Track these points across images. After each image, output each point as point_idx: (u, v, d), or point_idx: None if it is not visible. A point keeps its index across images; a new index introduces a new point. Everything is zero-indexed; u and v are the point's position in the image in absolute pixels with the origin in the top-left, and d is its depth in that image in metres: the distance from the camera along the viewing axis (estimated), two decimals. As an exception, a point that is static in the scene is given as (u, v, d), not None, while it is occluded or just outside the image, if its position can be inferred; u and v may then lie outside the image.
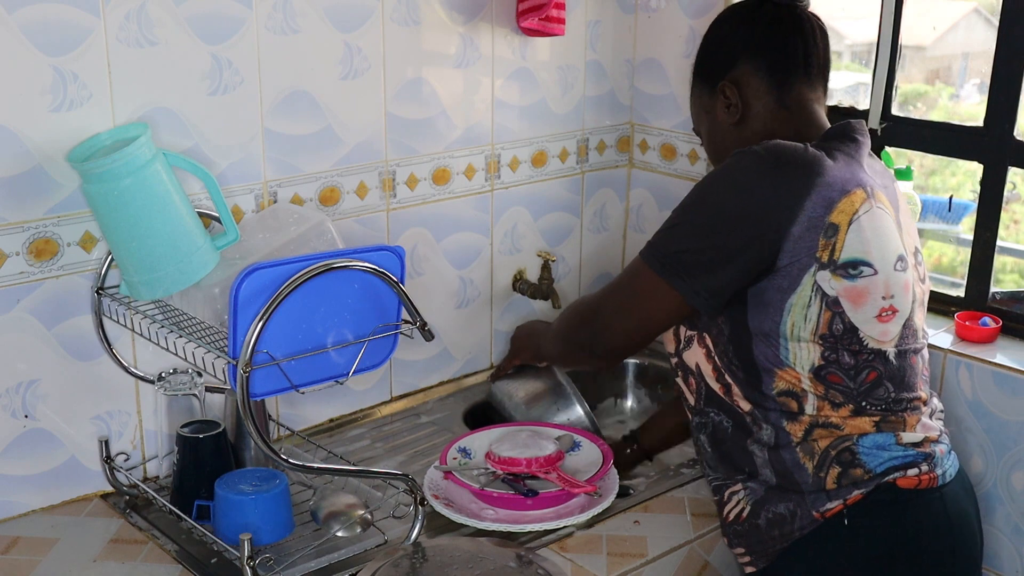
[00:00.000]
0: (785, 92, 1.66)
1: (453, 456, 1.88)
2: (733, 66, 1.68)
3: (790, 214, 1.51)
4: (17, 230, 1.73)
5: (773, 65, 1.66)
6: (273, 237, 1.80)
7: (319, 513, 1.74)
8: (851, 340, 1.56)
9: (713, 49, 1.72)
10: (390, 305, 1.64)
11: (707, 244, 1.54)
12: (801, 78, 1.67)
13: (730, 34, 1.70)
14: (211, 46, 1.85)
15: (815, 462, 1.57)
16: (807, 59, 1.67)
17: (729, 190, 1.55)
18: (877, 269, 1.55)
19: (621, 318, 1.64)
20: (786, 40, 1.66)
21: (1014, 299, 2.15)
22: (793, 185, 1.52)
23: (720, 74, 1.69)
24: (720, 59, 1.70)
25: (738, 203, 1.53)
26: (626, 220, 2.63)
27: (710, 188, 1.57)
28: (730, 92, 1.68)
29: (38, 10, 1.66)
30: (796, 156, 1.54)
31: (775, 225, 1.51)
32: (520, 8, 2.22)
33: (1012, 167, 2.08)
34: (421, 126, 2.18)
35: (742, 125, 1.68)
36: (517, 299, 2.46)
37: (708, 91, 1.71)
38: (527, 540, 1.76)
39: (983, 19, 2.29)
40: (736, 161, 1.56)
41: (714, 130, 1.73)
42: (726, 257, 1.53)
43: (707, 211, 1.56)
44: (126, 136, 1.71)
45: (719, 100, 1.69)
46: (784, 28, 1.67)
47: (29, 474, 1.82)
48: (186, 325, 1.68)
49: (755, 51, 1.67)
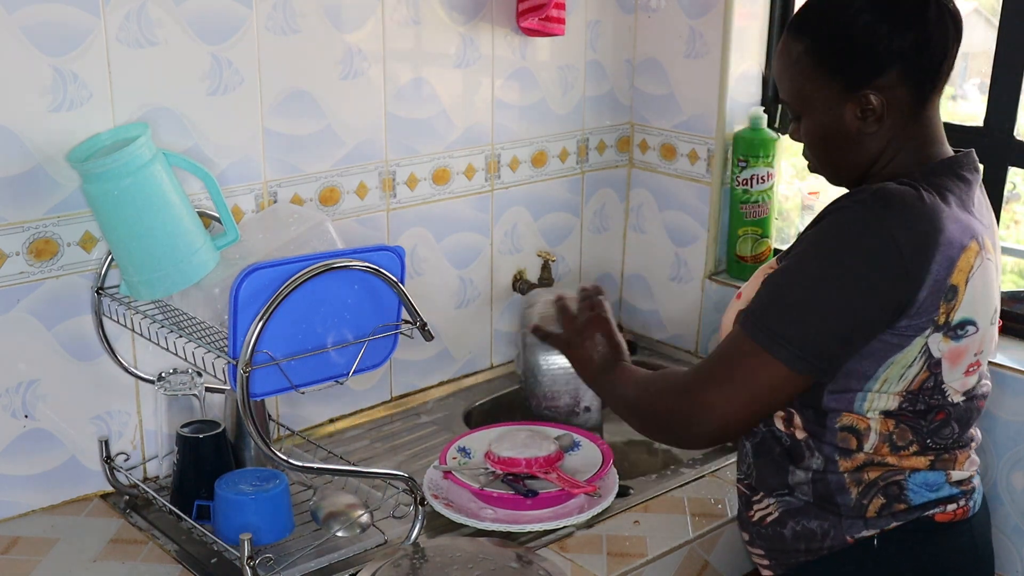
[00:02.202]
0: (924, 105, 1.49)
1: (453, 456, 1.88)
2: (882, 73, 1.45)
3: (918, 281, 1.39)
4: (17, 230, 1.73)
5: (924, 77, 1.46)
6: (273, 237, 1.80)
7: (319, 513, 1.74)
8: (934, 394, 1.48)
9: (863, 45, 1.45)
10: (390, 305, 1.64)
11: (829, 324, 1.41)
12: (940, 88, 1.50)
13: (891, 34, 1.44)
14: (211, 46, 1.85)
15: (860, 489, 1.51)
16: (951, 67, 1.48)
17: (851, 261, 1.39)
18: (979, 327, 1.48)
19: (728, 394, 1.46)
20: (947, 50, 1.46)
21: (1014, 299, 2.15)
22: (919, 247, 1.38)
23: (865, 79, 1.45)
24: (870, 62, 1.45)
25: (863, 276, 1.39)
26: (626, 220, 2.63)
27: (829, 259, 1.41)
28: (876, 102, 1.46)
29: (38, 10, 1.66)
30: (916, 210, 1.39)
31: (901, 294, 1.40)
32: (520, 8, 2.22)
33: (1012, 167, 2.08)
34: (421, 126, 2.18)
35: (874, 135, 1.49)
36: (517, 299, 2.46)
37: (840, 89, 1.47)
38: (527, 540, 1.76)
39: (983, 19, 2.29)
40: (852, 220, 1.40)
41: (833, 130, 1.50)
42: (850, 338, 1.41)
43: (826, 287, 1.40)
44: (126, 136, 1.71)
45: (853, 104, 1.47)
46: (947, 34, 1.45)
47: (29, 474, 1.82)
48: (186, 325, 1.68)
49: (914, 60, 1.44)
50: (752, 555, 1.67)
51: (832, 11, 1.48)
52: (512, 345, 2.47)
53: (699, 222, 2.46)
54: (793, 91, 1.52)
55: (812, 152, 1.56)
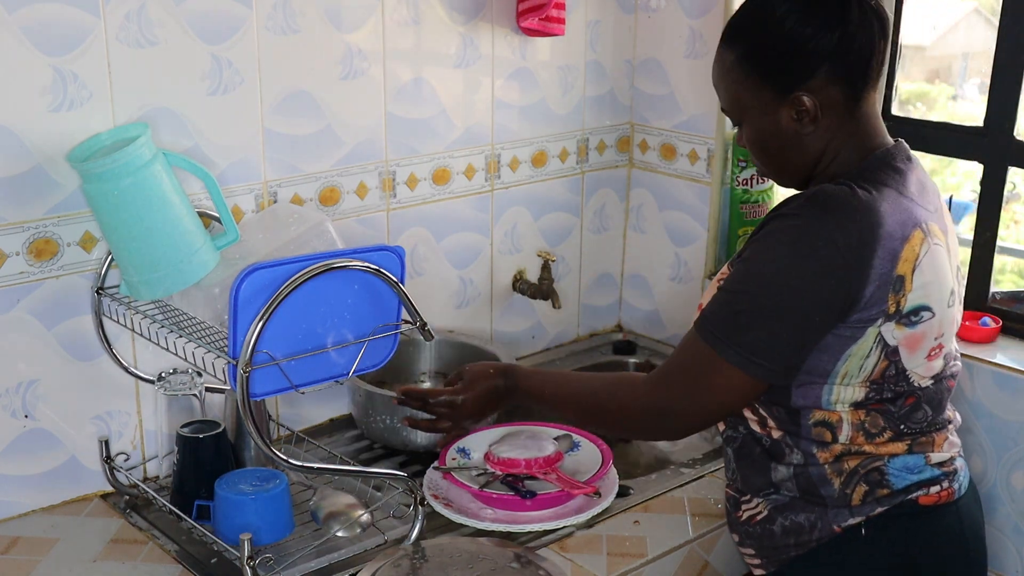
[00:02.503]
0: (858, 102, 1.52)
1: (452, 456, 1.88)
2: (812, 74, 1.48)
3: (862, 278, 1.43)
4: (17, 230, 1.73)
5: (855, 75, 1.50)
6: (273, 237, 1.80)
7: (319, 513, 1.74)
8: (898, 380, 1.52)
9: (789, 49, 1.49)
10: (390, 305, 1.64)
11: (780, 328, 1.45)
12: (873, 83, 1.53)
13: (815, 36, 1.47)
14: (211, 46, 1.85)
15: (842, 479, 1.54)
16: (881, 63, 1.52)
17: (796, 265, 1.44)
18: (935, 311, 1.50)
19: (687, 399, 1.54)
20: (874, 47, 1.49)
21: (1014, 299, 2.15)
22: (859, 244, 1.42)
23: (797, 81, 1.49)
24: (799, 65, 1.49)
25: (808, 279, 1.43)
26: (626, 220, 2.63)
27: (773, 265, 1.46)
28: (808, 104, 1.49)
29: (38, 10, 1.66)
30: (852, 210, 1.43)
31: (847, 292, 1.43)
32: (520, 8, 2.22)
33: (1012, 167, 2.08)
34: (421, 126, 2.18)
35: (810, 136, 1.52)
36: (517, 299, 2.46)
37: (773, 94, 1.51)
38: (527, 540, 1.76)
39: (983, 19, 2.29)
40: (792, 225, 1.45)
41: (771, 134, 1.55)
42: (802, 339, 1.46)
43: (774, 292, 1.45)
44: (126, 136, 1.71)
45: (788, 107, 1.51)
46: (872, 31, 1.49)
47: (29, 474, 1.82)
48: (186, 325, 1.68)
49: (841, 59, 1.48)
50: (743, 556, 1.68)
51: (758, 19, 1.52)
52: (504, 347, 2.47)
53: (699, 222, 2.46)
54: (730, 99, 1.57)
55: (756, 157, 1.60)
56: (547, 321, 2.55)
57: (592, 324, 2.65)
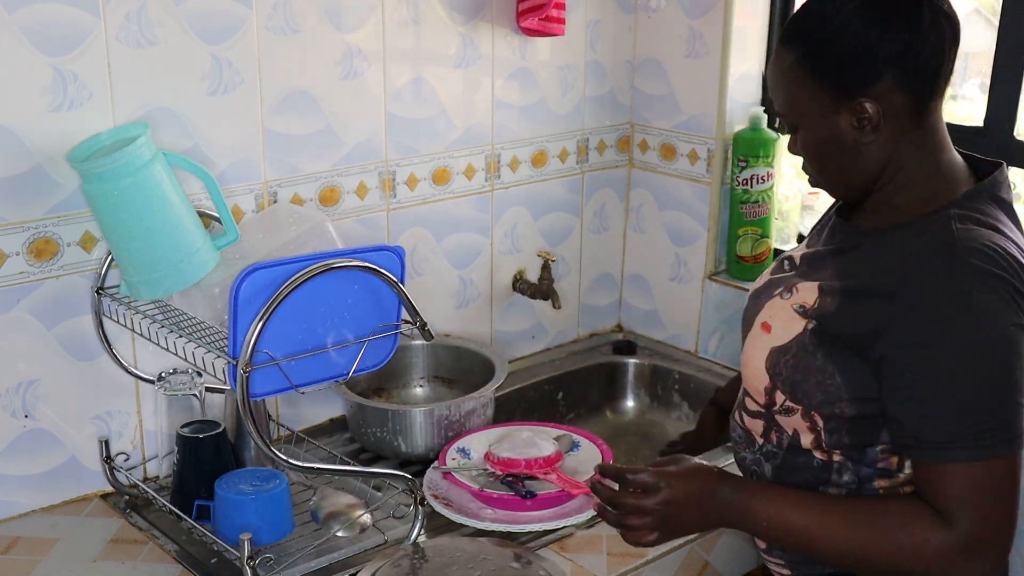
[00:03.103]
0: (924, 111, 1.41)
1: (452, 456, 1.88)
2: (877, 80, 1.38)
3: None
4: (17, 230, 1.73)
5: (922, 82, 1.39)
6: (273, 237, 1.80)
7: (319, 513, 1.74)
8: None
9: (854, 51, 1.38)
10: (390, 305, 1.64)
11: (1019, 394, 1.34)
12: (941, 92, 1.42)
13: (882, 39, 1.37)
14: (211, 46, 1.85)
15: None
16: (950, 71, 1.41)
17: (996, 328, 1.33)
18: None
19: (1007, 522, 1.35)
20: (944, 53, 1.39)
21: (1014, 299, 2.15)
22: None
23: (859, 87, 1.39)
24: (863, 68, 1.39)
25: (1013, 335, 1.33)
26: (626, 220, 2.63)
27: (982, 336, 1.33)
28: (871, 110, 1.39)
29: (38, 10, 1.66)
30: (1018, 276, 1.34)
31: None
32: (520, 8, 2.22)
33: (1012, 167, 2.08)
34: (421, 126, 2.18)
35: (872, 145, 1.42)
36: (517, 299, 2.46)
37: (834, 98, 1.41)
38: (527, 540, 1.76)
39: (983, 19, 2.29)
40: (973, 293, 1.32)
41: (829, 140, 1.44)
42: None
43: (1000, 364, 1.33)
44: (126, 136, 1.71)
45: (848, 113, 1.41)
46: (943, 37, 1.38)
47: (29, 474, 1.82)
48: (186, 325, 1.68)
49: (909, 65, 1.38)
50: (768, 562, 1.62)
51: (822, 18, 1.42)
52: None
53: (699, 222, 2.46)
54: (787, 102, 1.47)
55: (811, 165, 1.50)
56: (547, 321, 2.55)
57: (592, 324, 2.65)
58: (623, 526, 1.48)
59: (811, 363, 1.44)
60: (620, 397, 2.55)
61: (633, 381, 2.54)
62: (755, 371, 1.52)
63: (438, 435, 2.00)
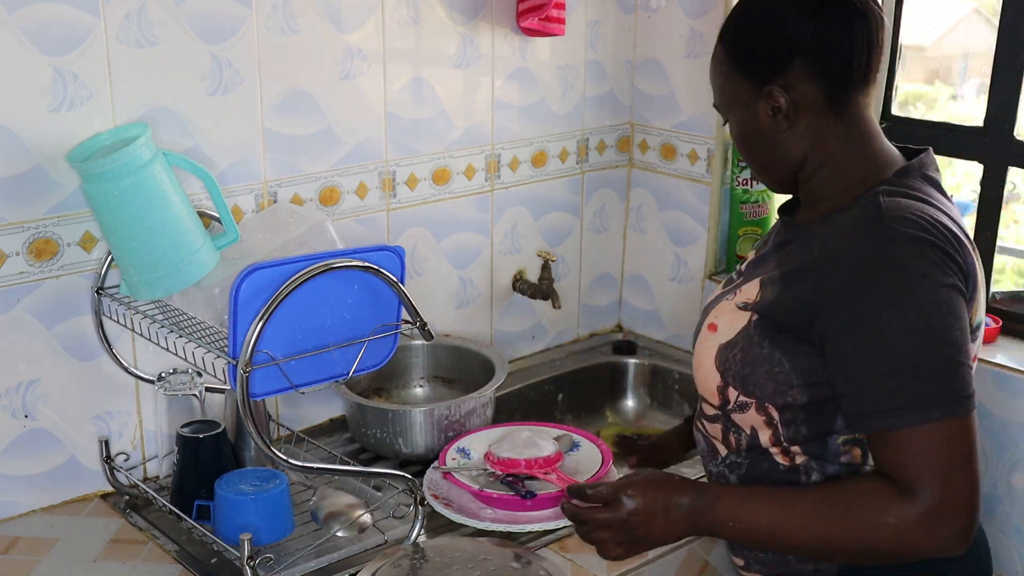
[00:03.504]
0: (842, 102, 1.44)
1: (452, 456, 1.88)
2: (787, 67, 1.42)
3: (971, 295, 1.38)
4: (17, 230, 1.73)
5: (833, 71, 1.42)
6: (273, 237, 1.80)
7: (319, 513, 1.74)
8: None
9: (763, 41, 1.44)
10: (390, 305, 1.64)
11: (963, 356, 1.34)
12: (859, 85, 1.44)
13: (786, 26, 1.42)
14: (211, 46, 1.85)
15: None
16: (869, 62, 1.43)
17: (935, 293, 1.33)
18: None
19: (968, 484, 1.33)
20: (853, 41, 1.41)
21: (1014, 299, 2.16)
22: (960, 274, 1.36)
23: (769, 74, 1.43)
24: (771, 55, 1.43)
25: (949, 298, 1.34)
26: (626, 220, 2.63)
27: (925, 302, 1.33)
28: (780, 98, 1.43)
29: (38, 10, 1.66)
30: (947, 241, 1.35)
31: (967, 302, 1.37)
32: (520, 8, 2.23)
33: (1012, 167, 2.08)
34: (421, 126, 2.18)
35: (789, 134, 1.46)
36: (517, 299, 2.46)
37: (750, 86, 1.46)
38: (527, 540, 1.76)
39: (983, 19, 2.29)
40: (902, 259, 1.33)
41: (752, 132, 1.49)
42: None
43: (941, 327, 1.33)
44: (126, 136, 1.71)
45: (764, 102, 1.45)
46: (852, 26, 1.41)
47: (29, 474, 1.82)
48: (186, 325, 1.68)
49: (815, 53, 1.41)
50: (735, 566, 1.62)
51: (742, 10, 1.49)
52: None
53: (699, 222, 2.46)
54: (718, 94, 1.53)
55: (743, 156, 1.55)
56: (547, 321, 2.55)
57: (592, 324, 2.65)
58: (590, 541, 1.48)
59: (758, 353, 1.45)
60: (620, 397, 2.55)
61: (633, 381, 2.54)
62: (706, 371, 1.53)
63: (438, 435, 2.00)
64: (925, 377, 1.32)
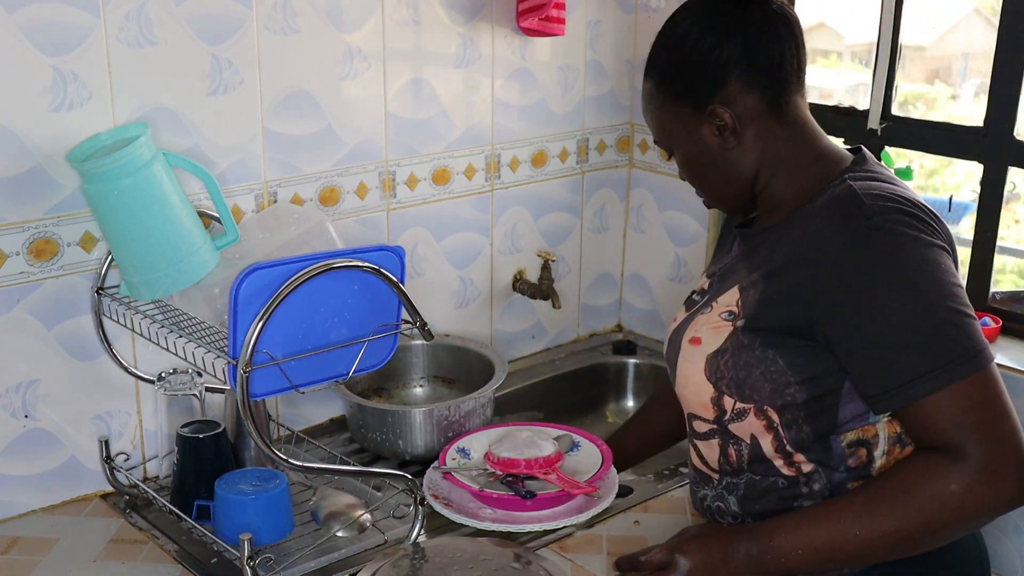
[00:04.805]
0: (784, 109, 1.47)
1: (452, 457, 1.88)
2: (724, 84, 1.44)
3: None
4: (17, 230, 1.73)
5: (769, 78, 1.45)
6: (273, 237, 1.80)
7: (319, 513, 1.74)
8: None
9: (695, 62, 1.46)
10: (390, 305, 1.64)
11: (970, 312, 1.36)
12: (795, 86, 1.47)
13: (715, 47, 1.44)
14: (211, 46, 1.85)
15: None
16: (799, 62, 1.47)
17: (931, 258, 1.36)
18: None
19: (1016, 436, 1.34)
20: (783, 48, 1.45)
21: (1014, 299, 2.16)
22: (943, 239, 1.40)
23: (708, 94, 1.45)
24: (707, 76, 1.45)
25: (946, 264, 1.37)
26: (626, 220, 2.63)
27: (928, 271, 1.35)
28: (724, 115, 1.45)
29: (38, 10, 1.66)
30: (926, 211, 1.39)
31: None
32: (520, 8, 2.23)
33: (1012, 167, 2.08)
34: (421, 126, 2.18)
35: (738, 150, 1.47)
36: (517, 299, 2.47)
37: (690, 111, 1.47)
38: (527, 540, 1.76)
39: (983, 19, 2.29)
40: (887, 228, 1.35)
41: (698, 154, 1.50)
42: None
43: (945, 289, 1.35)
44: (126, 136, 1.71)
45: (707, 123, 1.46)
46: (778, 33, 1.45)
47: (29, 474, 1.82)
48: (186, 325, 1.68)
49: (749, 64, 1.44)
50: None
51: (664, 41, 1.52)
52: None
53: (699, 222, 2.46)
54: (656, 129, 1.54)
55: (694, 184, 1.55)
56: (547, 321, 2.55)
57: (592, 324, 2.65)
58: None
59: (751, 356, 1.44)
60: (620, 397, 2.55)
61: (633, 381, 2.54)
62: (696, 386, 1.51)
63: (438, 435, 2.00)
64: (940, 338, 1.33)
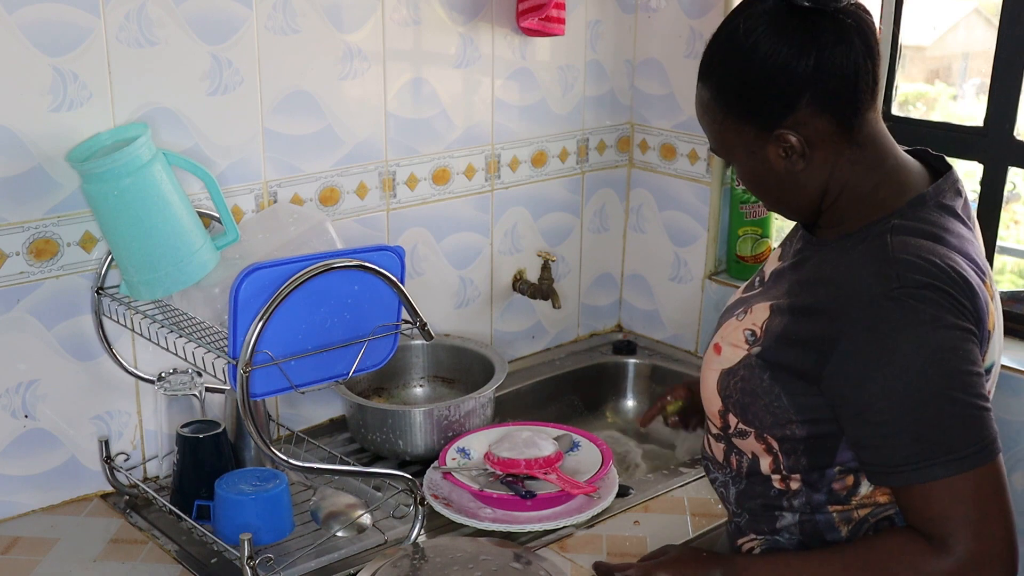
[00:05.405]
0: (856, 128, 1.35)
1: (452, 456, 1.88)
2: (795, 108, 1.32)
3: (984, 339, 1.33)
4: (17, 230, 1.73)
5: (843, 98, 1.32)
6: (273, 237, 1.80)
7: (319, 513, 1.74)
8: None
9: (763, 81, 1.32)
10: (390, 305, 1.64)
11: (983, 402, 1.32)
12: (869, 102, 1.35)
13: (788, 66, 1.31)
14: (211, 46, 1.85)
15: (850, 527, 1.43)
16: (875, 76, 1.34)
17: (947, 340, 1.28)
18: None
19: (1006, 531, 1.30)
20: (858, 66, 1.31)
21: (1014, 299, 2.15)
22: (971, 319, 1.30)
23: (777, 118, 1.33)
24: (776, 99, 1.33)
25: (964, 346, 1.29)
26: (626, 220, 2.63)
27: (929, 363, 1.28)
28: (792, 139, 1.33)
29: (38, 10, 1.66)
30: (956, 286, 1.29)
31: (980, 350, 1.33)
32: (520, 8, 2.23)
33: (1012, 167, 2.08)
34: (421, 126, 2.18)
35: (806, 172, 1.37)
36: (517, 299, 2.47)
37: (754, 132, 1.36)
38: (527, 540, 1.76)
39: (983, 19, 2.29)
40: (910, 305, 1.27)
41: (762, 173, 1.40)
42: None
43: (956, 377, 1.29)
44: (126, 136, 1.71)
45: (773, 146, 1.35)
46: (852, 45, 1.31)
47: (29, 474, 1.82)
48: (186, 325, 1.68)
49: (823, 84, 1.31)
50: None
51: (728, 51, 1.36)
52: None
53: (699, 222, 2.46)
54: (715, 139, 1.43)
55: (756, 195, 1.47)
56: (547, 321, 2.55)
57: (592, 324, 2.65)
58: None
59: (758, 385, 1.41)
60: (620, 397, 2.54)
61: (633, 381, 2.54)
62: (709, 393, 1.51)
63: (438, 435, 2.00)
64: (946, 427, 1.28)
